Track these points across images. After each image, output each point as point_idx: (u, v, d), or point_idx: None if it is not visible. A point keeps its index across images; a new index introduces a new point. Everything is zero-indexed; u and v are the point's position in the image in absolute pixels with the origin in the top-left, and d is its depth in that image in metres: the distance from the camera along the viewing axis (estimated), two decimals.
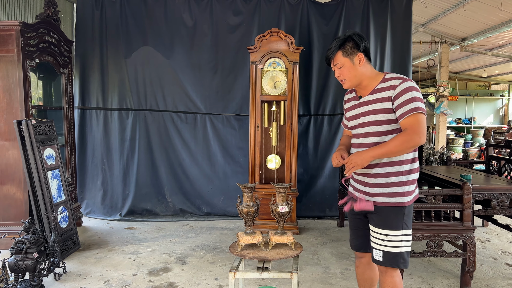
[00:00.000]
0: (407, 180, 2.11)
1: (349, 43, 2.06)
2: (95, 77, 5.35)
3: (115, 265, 3.74)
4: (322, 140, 5.41)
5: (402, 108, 1.97)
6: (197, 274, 3.56)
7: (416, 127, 1.94)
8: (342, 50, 2.07)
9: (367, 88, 2.11)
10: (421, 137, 1.94)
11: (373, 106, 2.09)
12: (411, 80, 2.01)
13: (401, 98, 1.97)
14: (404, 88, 1.98)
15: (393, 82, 2.03)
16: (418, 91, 1.99)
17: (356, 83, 2.12)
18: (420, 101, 1.97)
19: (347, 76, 2.10)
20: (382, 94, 2.05)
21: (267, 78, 4.61)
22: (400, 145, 1.96)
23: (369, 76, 2.10)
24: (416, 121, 1.94)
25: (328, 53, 2.12)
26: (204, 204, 5.46)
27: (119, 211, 5.40)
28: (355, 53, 2.06)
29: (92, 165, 5.47)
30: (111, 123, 5.41)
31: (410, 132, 1.95)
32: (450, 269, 3.68)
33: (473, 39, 9.20)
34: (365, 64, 2.09)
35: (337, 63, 2.10)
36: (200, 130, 5.41)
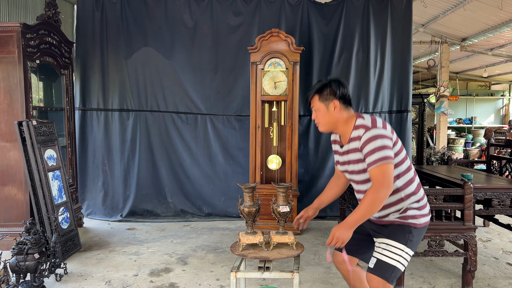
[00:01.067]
0: (416, 207, 2.11)
1: (327, 89, 2.08)
2: (96, 78, 5.35)
3: (116, 266, 3.74)
4: (323, 140, 5.41)
5: (368, 158, 1.98)
6: (198, 274, 3.56)
7: (381, 180, 1.94)
8: (319, 95, 2.10)
9: (344, 135, 2.13)
10: (387, 189, 1.95)
11: (352, 156, 2.10)
12: (376, 127, 1.99)
13: (366, 148, 1.98)
14: (367, 138, 1.98)
15: (359, 132, 2.03)
16: (383, 137, 1.97)
17: (330, 129, 2.15)
18: (385, 148, 1.95)
19: (321, 120, 2.13)
20: (354, 144, 2.07)
21: (267, 78, 4.61)
22: (372, 205, 1.97)
23: (344, 123, 2.10)
24: (381, 173, 1.94)
25: (308, 94, 2.16)
26: (205, 205, 5.46)
27: (120, 212, 5.40)
28: (330, 100, 2.07)
29: (93, 166, 5.47)
30: (112, 124, 5.41)
31: (376, 188, 1.96)
32: (452, 269, 3.68)
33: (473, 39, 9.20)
34: (340, 111, 2.09)
35: (313, 106, 2.14)
36: (201, 131, 5.42)
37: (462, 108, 13.20)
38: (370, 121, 2.04)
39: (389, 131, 2.04)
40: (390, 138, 2.00)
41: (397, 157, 2.05)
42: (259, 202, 2.48)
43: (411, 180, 2.12)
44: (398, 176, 2.06)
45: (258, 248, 2.36)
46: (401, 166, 2.07)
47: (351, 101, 2.16)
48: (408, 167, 2.11)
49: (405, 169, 2.09)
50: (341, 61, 5.31)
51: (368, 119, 2.06)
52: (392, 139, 2.02)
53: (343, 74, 5.31)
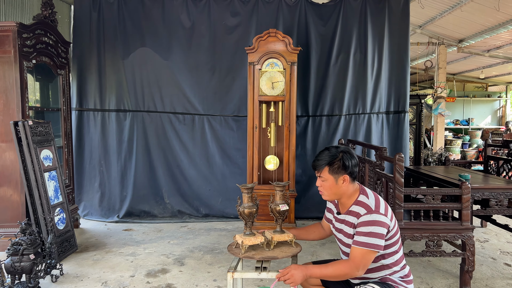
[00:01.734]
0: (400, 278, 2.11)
1: (338, 162, 2.08)
2: (93, 79, 5.33)
3: (112, 267, 3.72)
4: (321, 141, 5.40)
5: (357, 236, 1.99)
6: (195, 275, 3.54)
7: (358, 262, 1.97)
8: (330, 167, 2.09)
9: (344, 205, 2.15)
10: (358, 271, 1.98)
11: (345, 228, 2.11)
12: (378, 213, 1.99)
13: (360, 228, 1.99)
14: (365, 220, 1.99)
15: (359, 209, 2.03)
16: (380, 225, 1.97)
17: (334, 199, 2.17)
18: (377, 237, 1.95)
19: (328, 191, 2.13)
20: (351, 218, 2.07)
21: (265, 78, 4.60)
22: (338, 275, 2.02)
23: (348, 195, 2.12)
24: (361, 256, 1.96)
25: (316, 163, 2.13)
26: (202, 206, 5.43)
27: (117, 213, 5.37)
28: (341, 174, 2.07)
29: (90, 167, 5.44)
30: (109, 124, 5.39)
31: (350, 266, 1.98)
32: (449, 269, 3.67)
33: (470, 40, 9.22)
34: (348, 184, 2.10)
35: (321, 176, 2.13)
36: (198, 131, 5.40)
37: (459, 110, 13.23)
38: (374, 203, 2.04)
39: (389, 217, 2.04)
40: (387, 226, 2.00)
41: (390, 240, 2.05)
42: (257, 202, 2.46)
43: (397, 261, 2.11)
44: (384, 256, 2.07)
45: (259, 248, 2.34)
46: (392, 248, 2.08)
47: (357, 177, 2.17)
48: (398, 248, 2.11)
49: (395, 250, 2.09)
50: (339, 61, 5.31)
51: (372, 199, 2.06)
52: (390, 226, 2.02)
53: (340, 74, 5.31)
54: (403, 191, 3.02)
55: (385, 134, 5.44)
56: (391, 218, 2.06)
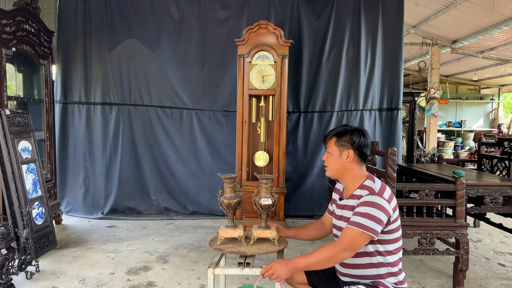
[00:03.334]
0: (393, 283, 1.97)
1: (346, 135, 1.99)
2: (78, 70, 5.16)
3: (92, 264, 3.55)
4: (312, 138, 5.28)
5: (353, 217, 1.88)
6: (179, 273, 3.39)
7: (346, 242, 1.85)
8: (337, 138, 2.01)
9: (348, 189, 2.03)
10: (345, 253, 1.85)
11: (346, 213, 1.99)
12: (381, 196, 1.87)
13: (359, 209, 1.87)
14: (366, 201, 1.87)
15: (363, 192, 1.92)
16: (381, 209, 1.84)
17: (336, 176, 2.05)
18: (374, 220, 1.82)
19: (330, 165, 2.03)
20: (352, 201, 1.96)
21: (255, 72, 4.47)
22: (326, 260, 1.88)
23: (353, 177, 2.00)
24: (351, 236, 1.85)
25: (326, 135, 2.09)
26: (189, 203, 5.28)
27: (101, 209, 5.20)
28: (346, 147, 1.98)
29: (74, 162, 5.27)
30: (94, 118, 5.22)
31: (336, 245, 1.87)
32: (442, 269, 3.56)
33: (464, 41, 9.17)
34: (352, 163, 1.99)
35: (328, 147, 2.05)
36: (186, 126, 5.25)
37: (452, 112, 13.20)
38: (379, 187, 1.93)
39: (392, 206, 1.91)
40: (388, 213, 1.87)
41: (390, 235, 1.93)
42: (241, 194, 2.32)
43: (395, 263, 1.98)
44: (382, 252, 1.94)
45: (237, 242, 2.21)
46: (392, 245, 1.95)
47: (367, 159, 2.05)
48: (397, 249, 1.97)
49: (394, 249, 1.96)
50: (331, 57, 5.19)
51: (378, 184, 1.95)
52: (391, 215, 1.89)
53: (333, 70, 5.19)
54: (395, 186, 2.90)
55: (377, 131, 5.33)
56: (394, 208, 1.93)
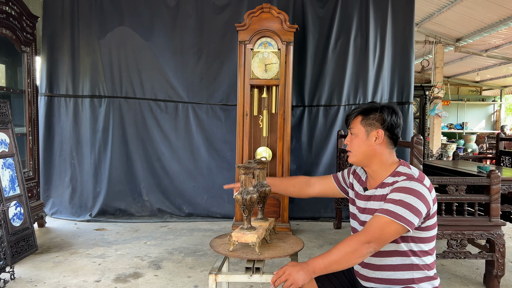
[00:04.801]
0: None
1: (375, 113, 1.67)
2: (65, 61, 4.77)
3: (75, 270, 3.15)
4: (317, 134, 4.91)
5: (384, 204, 1.54)
6: (173, 280, 3.00)
7: (372, 231, 1.51)
8: (363, 116, 1.68)
9: (375, 177, 1.69)
10: (370, 246, 1.50)
11: (372, 204, 1.66)
12: (420, 182, 1.54)
13: (392, 195, 1.54)
14: (402, 186, 1.54)
15: (396, 178, 1.59)
16: (420, 197, 1.51)
17: (362, 162, 1.71)
18: (411, 210, 1.49)
19: (356, 148, 1.69)
20: (381, 190, 1.63)
21: (257, 60, 4.10)
22: (349, 255, 1.52)
23: (382, 162, 1.67)
24: (380, 225, 1.50)
25: (349, 113, 1.75)
26: (185, 204, 4.89)
27: (89, 211, 4.79)
28: (375, 127, 1.65)
29: (60, 159, 4.86)
30: (82, 112, 4.83)
31: (359, 237, 1.52)
32: (467, 275, 3.18)
33: (468, 39, 8.90)
34: (382, 145, 1.66)
35: (352, 128, 1.72)
36: (182, 121, 4.87)
37: (453, 113, 12.91)
38: (418, 173, 1.61)
39: (433, 197, 1.57)
40: (428, 205, 1.53)
41: (427, 232, 1.59)
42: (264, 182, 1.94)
43: (431, 265, 1.64)
44: (417, 252, 1.60)
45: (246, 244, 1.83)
46: (427, 244, 1.61)
47: (398, 141, 1.71)
48: (432, 249, 1.64)
49: (430, 249, 1.62)
50: (338, 46, 4.84)
51: (416, 171, 1.62)
52: (431, 208, 1.56)
53: (339, 61, 4.84)
54: None
55: None
56: (434, 200, 1.58)
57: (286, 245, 1.86)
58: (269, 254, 1.74)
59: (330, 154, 4.85)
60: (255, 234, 1.72)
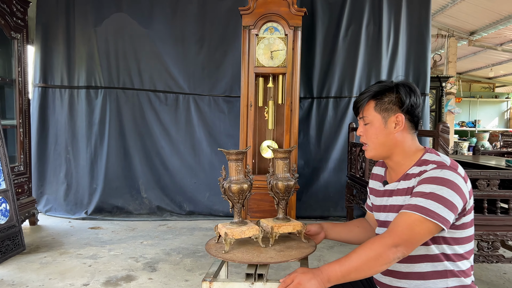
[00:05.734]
0: None
1: (390, 94, 1.38)
2: (60, 50, 4.52)
3: (63, 272, 2.88)
4: (327, 127, 4.61)
5: (411, 199, 1.28)
6: (169, 284, 2.72)
7: (398, 233, 1.23)
8: (377, 101, 1.40)
9: (397, 169, 1.42)
10: (398, 250, 1.22)
11: (395, 201, 1.39)
12: (454, 171, 1.27)
13: (420, 187, 1.27)
14: (432, 176, 1.26)
15: (424, 168, 1.32)
16: (455, 189, 1.23)
17: (383, 155, 1.43)
18: (443, 204, 1.21)
19: (372, 139, 1.41)
20: (406, 183, 1.36)
21: (262, 46, 3.82)
22: (366, 257, 1.24)
23: (405, 151, 1.40)
24: (406, 224, 1.23)
25: (358, 98, 1.45)
26: (186, 201, 4.61)
27: (85, 208, 4.54)
28: (392, 112, 1.38)
29: (55, 154, 4.61)
30: (78, 104, 4.57)
31: (384, 240, 1.24)
32: (495, 280, 2.87)
33: (482, 33, 8.56)
34: (403, 132, 1.38)
35: (364, 116, 1.43)
36: (183, 114, 4.59)
37: (465, 111, 12.52)
38: (449, 160, 1.32)
39: (469, 188, 1.30)
40: (464, 197, 1.26)
41: (462, 232, 1.32)
42: (251, 176, 1.66)
43: (467, 271, 1.36)
44: (451, 256, 1.32)
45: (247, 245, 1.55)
46: (463, 246, 1.33)
47: (418, 124, 1.42)
48: (469, 252, 1.35)
49: (466, 252, 1.34)
50: (349, 34, 4.54)
51: (447, 158, 1.33)
52: (467, 202, 1.29)
53: (351, 49, 4.54)
54: None
55: None
56: (470, 192, 1.29)
57: (294, 247, 1.57)
58: (275, 257, 1.46)
59: (341, 149, 4.55)
60: (251, 229, 1.45)
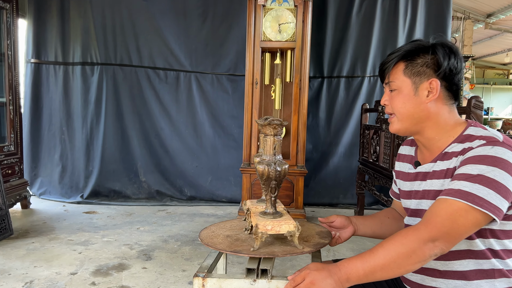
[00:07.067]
0: None
1: (424, 55, 1.10)
2: (53, 24, 4.25)
3: (50, 260, 2.65)
4: (337, 109, 4.33)
5: (452, 182, 1.01)
6: (164, 274, 2.48)
7: (438, 224, 0.97)
8: (407, 63, 1.11)
9: (431, 146, 1.15)
10: (436, 245, 0.98)
11: (430, 185, 1.12)
12: (507, 146, 1.00)
13: (463, 168, 1.01)
14: (480, 155, 1.00)
15: (468, 144, 1.05)
16: (506, 169, 0.96)
17: (411, 129, 1.15)
18: (494, 189, 0.95)
19: (399, 110, 1.14)
20: (444, 163, 1.09)
21: (270, 18, 3.51)
22: (397, 253, 0.99)
23: (440, 125, 1.12)
24: (447, 213, 0.97)
25: (386, 59, 1.16)
26: (186, 186, 4.37)
27: (81, 192, 4.32)
28: (425, 76, 1.09)
29: (49, 134, 4.38)
30: (73, 81, 4.32)
31: (419, 232, 0.99)
32: None
33: (500, 15, 8.14)
34: (437, 102, 1.11)
35: (391, 81, 1.15)
36: (184, 93, 4.33)
37: None
38: (502, 136, 1.04)
39: None
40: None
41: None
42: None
43: None
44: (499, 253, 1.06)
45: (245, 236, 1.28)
46: None
47: (458, 93, 1.13)
48: None
49: None
50: (363, 9, 4.22)
51: (497, 133, 1.05)
52: None
53: (365, 26, 4.22)
54: None
55: None
56: None
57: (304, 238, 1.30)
58: (280, 249, 1.19)
59: (352, 132, 4.27)
60: (290, 221, 1.18)
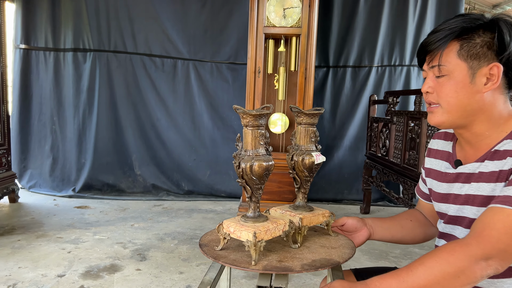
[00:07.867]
0: None
1: (485, 33, 0.88)
2: (43, 7, 4.01)
3: (36, 260, 2.45)
4: (343, 100, 4.13)
5: (507, 189, 0.84)
6: (159, 277, 2.28)
7: (492, 239, 0.80)
8: (462, 43, 0.89)
9: (477, 143, 0.96)
10: (489, 264, 0.80)
11: (475, 189, 0.94)
12: None
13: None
14: None
15: None
16: None
17: (458, 122, 0.95)
18: None
19: (448, 99, 0.92)
20: (494, 164, 0.91)
21: (274, 2, 3.29)
22: (443, 278, 0.80)
23: (492, 119, 0.93)
24: (504, 227, 0.80)
25: (432, 38, 0.93)
26: (184, 180, 4.18)
27: (73, 185, 4.12)
28: (485, 60, 0.88)
29: (39, 124, 4.16)
30: (64, 68, 4.09)
31: (470, 248, 0.81)
32: None
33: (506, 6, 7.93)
34: (495, 91, 0.91)
35: (442, 65, 0.91)
36: (181, 82, 4.12)
37: None
38: None
39: None
40: None
41: None
42: (270, 149, 1.17)
43: None
44: None
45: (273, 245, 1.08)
46: None
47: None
48: None
49: None
50: None
51: None
52: None
53: (372, 13, 4.01)
54: None
55: None
56: None
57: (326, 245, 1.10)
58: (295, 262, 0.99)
59: (358, 125, 4.07)
60: (253, 228, 0.96)
